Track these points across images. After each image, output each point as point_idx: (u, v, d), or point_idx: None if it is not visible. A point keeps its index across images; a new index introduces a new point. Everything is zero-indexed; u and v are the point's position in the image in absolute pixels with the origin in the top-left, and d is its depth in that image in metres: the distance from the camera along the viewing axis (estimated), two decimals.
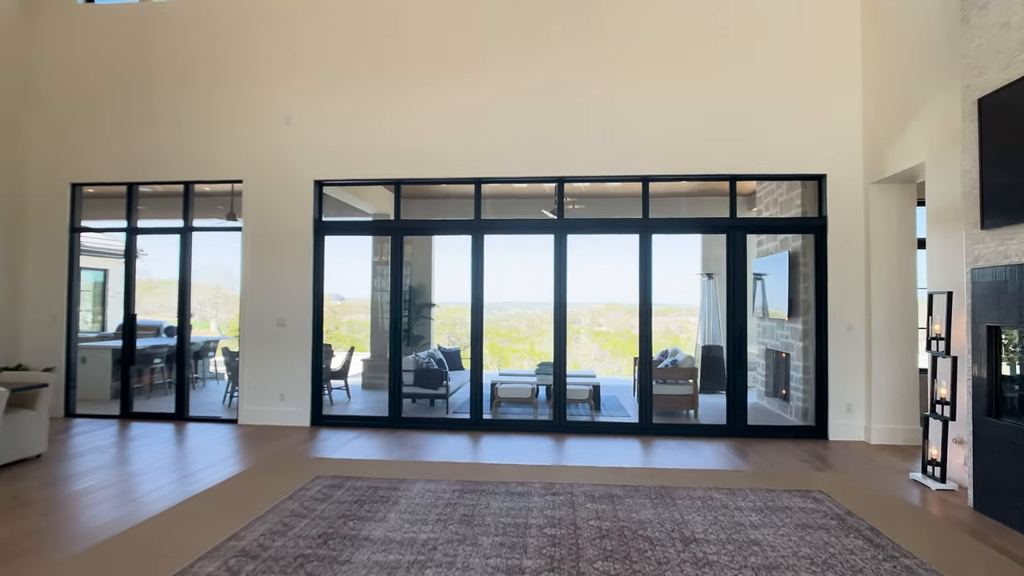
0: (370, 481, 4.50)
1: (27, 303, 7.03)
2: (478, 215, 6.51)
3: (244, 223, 6.76)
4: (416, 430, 6.41)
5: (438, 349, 8.81)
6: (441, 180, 6.59)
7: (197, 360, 9.80)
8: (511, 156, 6.40)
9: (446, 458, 5.28)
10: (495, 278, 7.48)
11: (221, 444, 5.74)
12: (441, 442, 5.88)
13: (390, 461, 5.14)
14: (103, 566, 3.04)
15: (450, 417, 6.88)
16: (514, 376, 8.07)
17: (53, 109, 7.08)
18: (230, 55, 6.85)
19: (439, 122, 6.50)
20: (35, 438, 5.11)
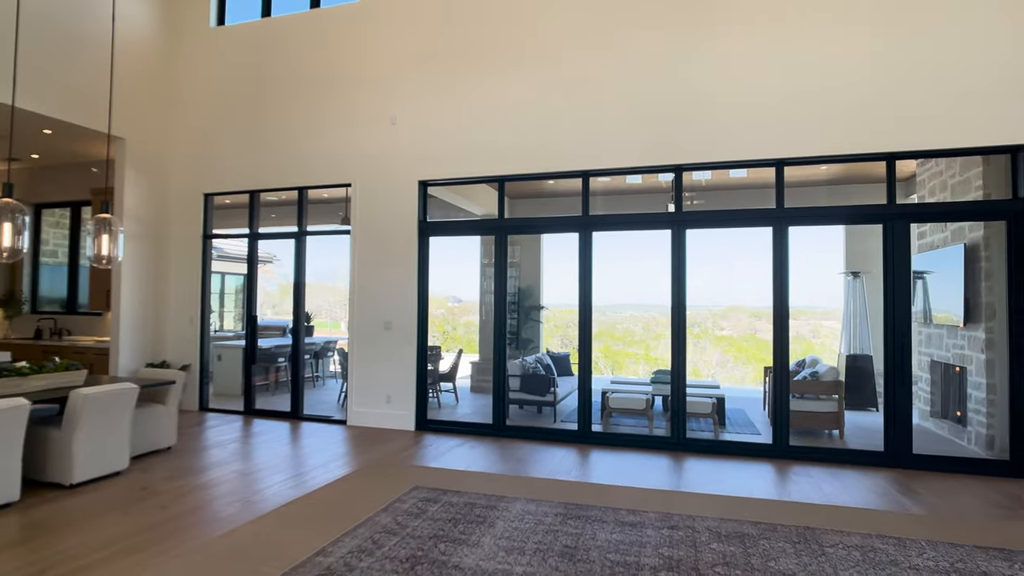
0: (468, 496, 4.20)
1: (169, 305, 7.60)
2: (586, 210, 6.04)
3: (352, 226, 6.82)
4: (521, 439, 6.06)
5: (546, 353, 8.43)
6: (546, 175, 6.20)
7: (317, 360, 10.21)
8: (621, 145, 5.87)
9: (551, 474, 4.86)
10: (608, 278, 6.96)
11: (329, 446, 5.76)
12: (546, 455, 5.47)
13: (491, 475, 4.82)
14: (195, 571, 2.97)
15: (557, 427, 6.46)
16: (627, 384, 7.49)
17: (190, 125, 7.60)
18: (338, 63, 6.95)
19: (543, 114, 6.12)
20: (165, 431, 5.39)
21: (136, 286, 7.17)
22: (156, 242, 7.45)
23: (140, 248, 7.22)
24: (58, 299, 8.72)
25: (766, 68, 5.49)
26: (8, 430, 3.85)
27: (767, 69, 5.49)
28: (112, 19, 5.85)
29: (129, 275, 7.07)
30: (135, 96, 7.09)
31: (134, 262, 7.13)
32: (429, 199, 6.75)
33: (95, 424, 4.40)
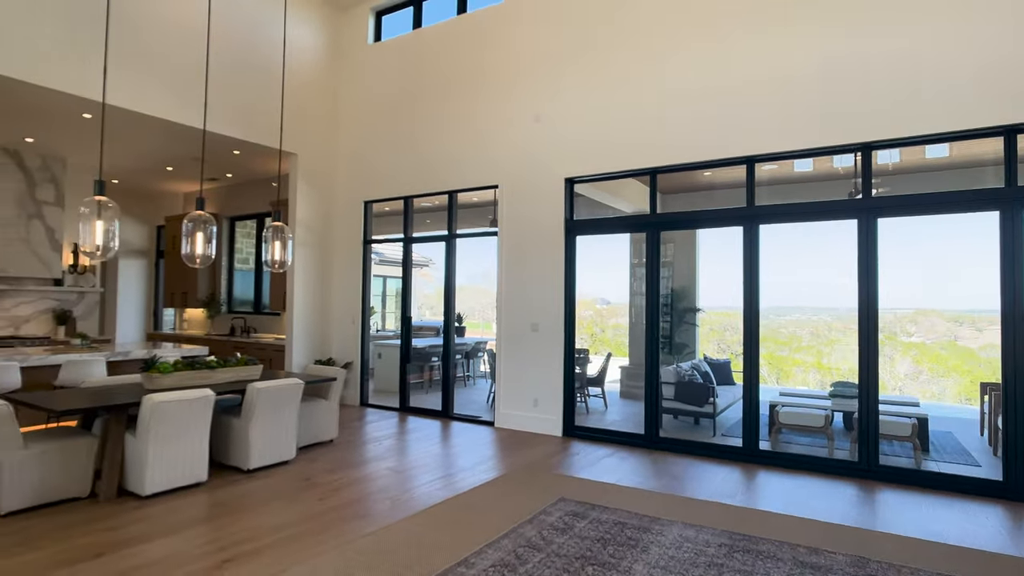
0: (618, 514, 3.86)
1: (334, 306, 8.17)
2: (750, 201, 5.39)
3: (499, 227, 6.79)
4: (676, 453, 5.57)
5: (703, 360, 7.76)
6: (703, 164, 5.65)
7: (468, 360, 10.44)
8: (792, 125, 5.14)
9: (712, 495, 4.34)
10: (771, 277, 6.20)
11: (476, 447, 5.74)
12: (705, 473, 4.94)
13: (643, 491, 4.42)
14: (343, 567, 2.99)
15: (717, 442, 5.85)
16: (800, 397, 6.60)
17: (351, 137, 8.13)
18: (483, 66, 6.97)
19: (698, 98, 5.58)
20: (328, 425, 5.72)
21: (306, 288, 7.80)
22: (323, 248, 8.06)
23: (310, 254, 7.84)
24: (248, 300, 9.83)
25: (978, 26, 4.46)
26: (198, 417, 4.26)
27: (979, 27, 4.45)
28: (283, 46, 6.37)
29: (300, 278, 7.71)
30: (304, 115, 7.72)
31: (304, 266, 7.76)
32: (576, 198, 6.50)
33: (267, 415, 4.75)
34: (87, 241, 4.03)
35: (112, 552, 3.20)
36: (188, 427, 4.20)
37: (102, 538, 3.38)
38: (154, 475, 4.03)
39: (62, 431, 4.13)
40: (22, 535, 3.41)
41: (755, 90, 5.31)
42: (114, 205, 4.17)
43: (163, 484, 4.09)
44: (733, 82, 5.42)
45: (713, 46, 5.53)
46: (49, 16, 5.18)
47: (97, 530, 3.49)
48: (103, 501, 3.96)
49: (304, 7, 7.66)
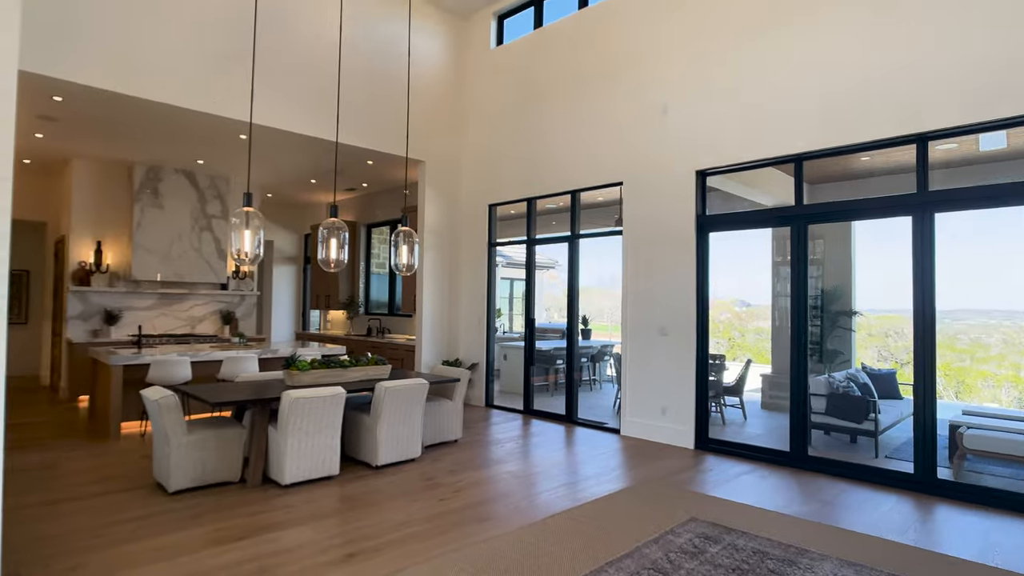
0: (758, 541, 3.44)
1: (461, 308, 8.34)
2: (923, 186, 4.62)
3: (624, 226, 6.50)
4: (827, 475, 4.92)
5: (861, 369, 6.83)
6: (861, 146, 4.94)
7: (594, 363, 10.18)
8: (976, 93, 4.32)
9: (874, 529, 3.74)
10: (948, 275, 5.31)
11: (600, 455, 5.50)
12: (865, 501, 4.28)
13: (789, 517, 3.92)
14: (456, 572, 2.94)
15: (880, 466, 5.08)
16: (992, 418, 5.56)
17: (475, 142, 8.26)
18: (604, 60, 6.72)
19: (849, 70, 4.89)
20: (452, 425, 5.79)
21: (434, 291, 8.03)
22: (450, 251, 8.25)
23: (437, 257, 8.07)
24: (384, 303, 10.39)
25: None
26: (331, 414, 4.48)
27: None
28: (408, 59, 6.60)
29: (429, 281, 7.95)
30: (431, 123, 7.96)
31: (432, 270, 8.00)
32: (708, 192, 6.03)
33: (395, 414, 4.89)
34: (237, 248, 4.39)
35: (252, 536, 3.42)
36: (322, 422, 4.42)
37: (247, 522, 3.64)
38: (292, 466, 4.29)
39: (218, 421, 4.55)
40: (187, 512, 3.78)
41: (924, 56, 4.55)
42: (260, 215, 4.50)
43: (300, 475, 4.34)
44: (895, 48, 4.69)
45: (868, 7, 4.83)
46: (207, 51, 5.78)
47: (243, 514, 3.77)
48: (250, 487, 4.29)
49: (428, 19, 7.92)
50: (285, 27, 6.35)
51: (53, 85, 5.12)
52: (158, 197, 8.14)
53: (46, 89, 5.23)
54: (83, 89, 5.18)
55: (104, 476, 4.52)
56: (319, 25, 6.58)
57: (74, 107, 5.72)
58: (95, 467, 4.76)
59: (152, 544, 3.29)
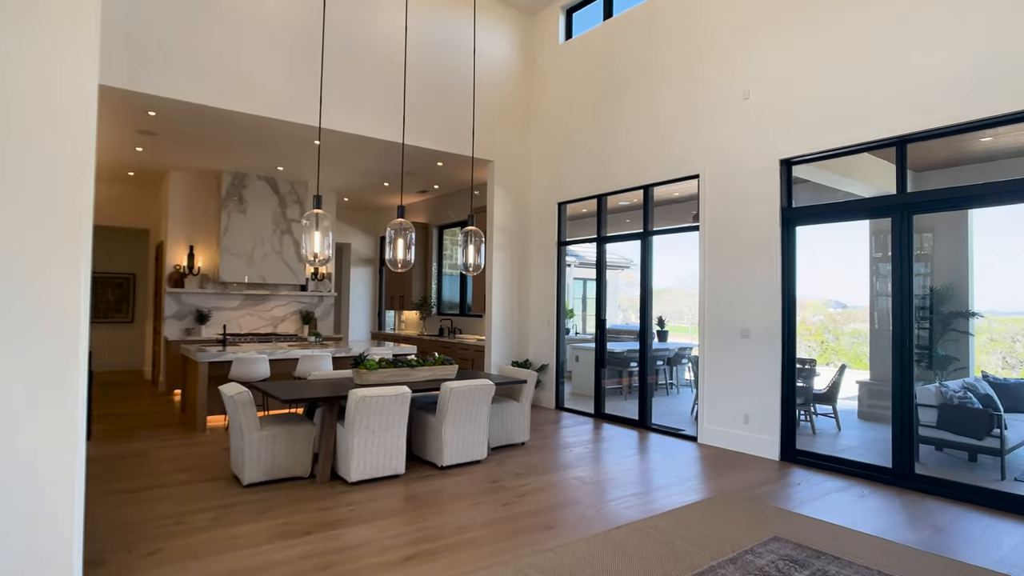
0: (855, 569, 3.07)
1: (530, 308, 8.22)
2: None
3: (701, 221, 6.14)
4: (939, 498, 4.37)
5: (982, 377, 6.07)
6: (976, 124, 4.37)
7: (671, 366, 9.76)
8: None
9: (1000, 565, 3.25)
10: None
11: (674, 464, 5.19)
12: (989, 531, 3.75)
13: (892, 544, 3.49)
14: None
15: (1006, 490, 4.46)
16: None
17: (544, 140, 8.11)
18: (678, 47, 6.38)
19: (963, 32, 4.33)
20: (519, 427, 5.66)
21: (503, 291, 7.94)
22: (519, 251, 8.15)
23: (507, 257, 7.98)
24: (455, 303, 10.44)
25: None
26: (396, 413, 4.47)
27: None
28: (473, 58, 6.55)
29: (498, 281, 7.88)
30: (499, 122, 7.89)
31: (501, 270, 7.92)
32: (794, 183, 5.57)
33: (460, 414, 4.82)
34: (307, 249, 4.48)
35: (317, 532, 3.44)
36: (387, 421, 4.41)
37: (313, 517, 3.67)
38: (358, 464, 4.30)
39: (290, 417, 4.65)
40: (260, 504, 3.89)
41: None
42: (330, 217, 4.56)
43: (366, 473, 4.35)
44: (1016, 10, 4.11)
45: None
46: (283, 61, 5.98)
47: (310, 510, 3.81)
48: (319, 483, 4.35)
49: (495, 17, 7.86)
50: (354, 34, 6.47)
51: (147, 101, 5.47)
52: (243, 203, 8.57)
53: (142, 105, 5.59)
54: (173, 103, 5.51)
55: (188, 466, 4.75)
56: (387, 29, 6.67)
57: (167, 121, 6.09)
58: (181, 457, 5.02)
59: (225, 534, 3.39)
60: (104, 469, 4.61)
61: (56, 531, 2.18)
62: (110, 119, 6.01)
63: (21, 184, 2.16)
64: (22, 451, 2.13)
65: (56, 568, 2.18)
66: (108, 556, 3.09)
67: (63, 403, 2.19)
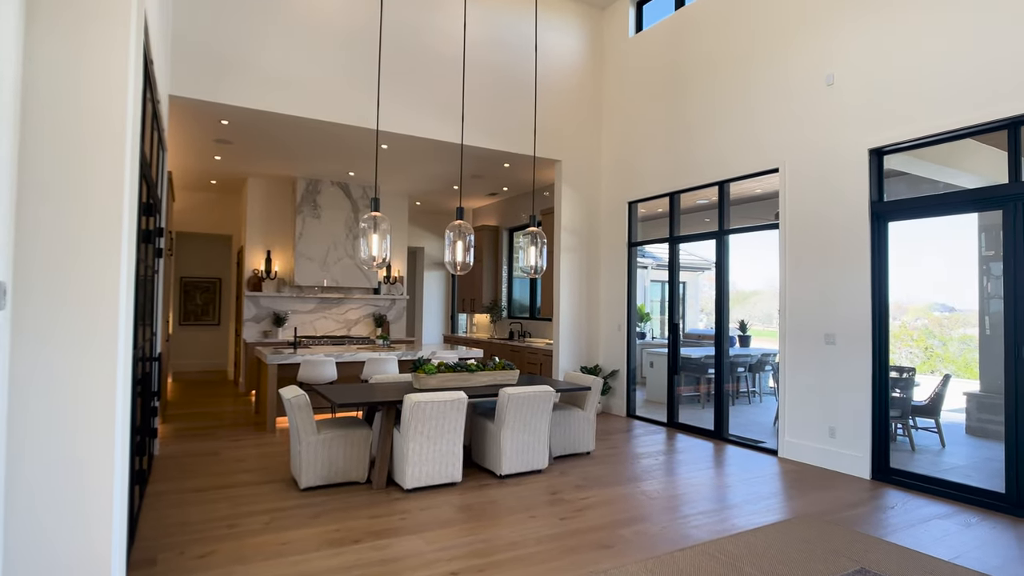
0: None
1: (600, 312, 7.97)
2: None
3: (781, 218, 5.70)
4: None
5: None
6: None
7: (753, 373, 9.20)
8: None
9: None
10: None
11: (750, 480, 4.82)
12: None
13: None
14: None
15: None
16: None
17: (614, 137, 7.85)
18: (756, 32, 5.96)
19: None
20: (584, 436, 5.47)
21: (571, 294, 7.75)
22: (588, 252, 7.92)
23: (575, 259, 7.79)
24: (525, 306, 10.34)
25: None
26: (453, 419, 4.40)
27: None
28: (535, 56, 6.41)
29: (566, 284, 7.70)
30: (568, 120, 7.71)
31: (569, 272, 7.72)
32: (886, 175, 5.05)
33: (519, 422, 4.70)
34: (365, 252, 4.50)
35: (366, 541, 3.42)
36: (443, 428, 4.36)
37: (364, 524, 3.66)
38: (414, 471, 4.27)
39: (348, 421, 4.69)
40: (314, 509, 3.92)
41: None
42: (387, 219, 4.57)
43: (421, 480, 4.31)
44: None
45: None
46: (346, 65, 6.09)
47: (363, 516, 3.80)
48: (375, 489, 4.35)
49: (562, 12, 7.69)
50: (413, 35, 6.50)
51: (218, 110, 5.72)
52: (316, 209, 8.88)
53: (214, 114, 5.86)
54: (241, 111, 5.73)
55: (253, 467, 4.90)
56: (448, 29, 6.66)
57: (240, 129, 6.37)
58: (248, 457, 5.20)
59: (277, 538, 3.43)
60: (175, 467, 4.84)
61: (93, 530, 2.17)
62: (187, 129, 6.34)
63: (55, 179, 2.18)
64: (62, 449, 2.14)
65: (95, 568, 2.18)
66: (160, 556, 3.19)
67: (102, 400, 2.19)
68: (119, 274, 2.27)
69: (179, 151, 7.24)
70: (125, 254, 2.31)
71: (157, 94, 3.95)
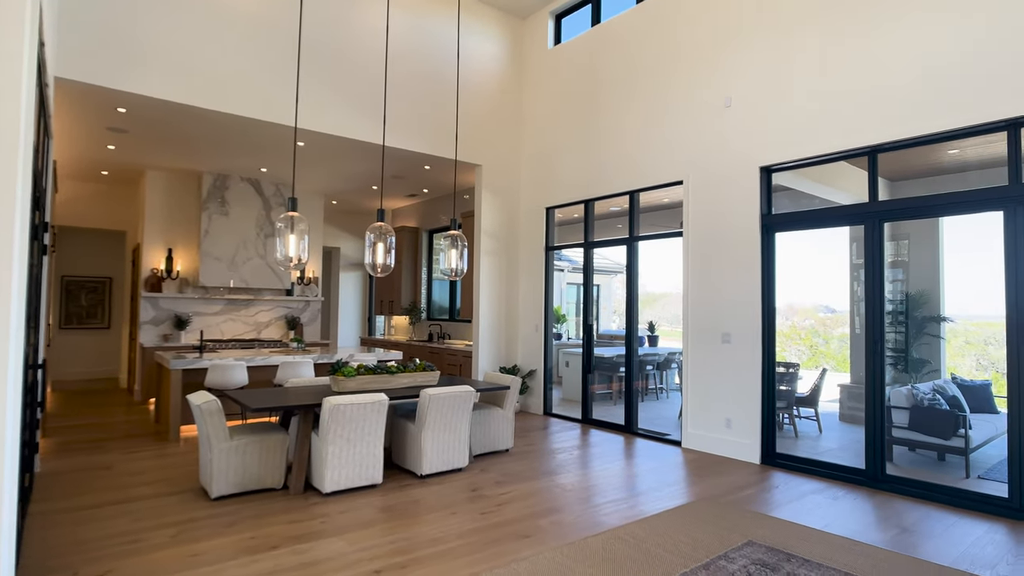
0: (822, 571, 3.08)
1: (519, 314, 8.19)
2: (1016, 178, 4.07)
3: (684, 227, 6.16)
4: (909, 497, 4.41)
5: (951, 380, 6.13)
6: (939, 136, 4.41)
7: (661, 371, 9.77)
8: None
9: (960, 562, 3.28)
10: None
11: (657, 469, 5.19)
12: (951, 528, 3.79)
13: (860, 544, 3.51)
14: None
15: (970, 488, 4.50)
16: None
17: (533, 144, 8.11)
18: (664, 54, 6.42)
19: (936, 53, 4.38)
20: (503, 434, 5.64)
21: (491, 296, 7.92)
22: (507, 256, 8.13)
23: (494, 262, 7.96)
24: (445, 308, 10.41)
25: None
26: (373, 421, 4.44)
27: None
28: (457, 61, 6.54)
29: (486, 286, 7.86)
30: (488, 126, 7.88)
31: (489, 274, 7.90)
32: (780, 191, 5.61)
33: (440, 422, 4.80)
34: (281, 252, 4.44)
35: (285, 546, 3.40)
36: (364, 430, 4.38)
37: (281, 530, 3.63)
38: (333, 474, 4.27)
39: (262, 427, 4.60)
40: (227, 518, 3.82)
41: (1015, 32, 4.00)
42: (306, 220, 4.53)
43: (341, 483, 4.31)
44: (980, 25, 4.15)
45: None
46: (263, 59, 5.94)
47: (280, 523, 3.76)
48: (292, 494, 4.30)
49: (484, 21, 7.86)
50: (334, 33, 6.43)
51: (114, 97, 5.35)
52: (225, 205, 8.50)
53: (110, 101, 5.47)
54: (144, 100, 5.40)
55: (155, 479, 4.65)
56: (371, 30, 6.64)
57: (140, 119, 5.99)
58: (149, 469, 4.93)
59: (185, 551, 3.31)
60: (61, 484, 4.47)
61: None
62: (75, 115, 5.86)
63: None
64: None
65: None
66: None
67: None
68: (11, 274, 2.12)
69: (65, 138, 6.67)
70: (17, 251, 2.14)
71: (47, 76, 3.71)
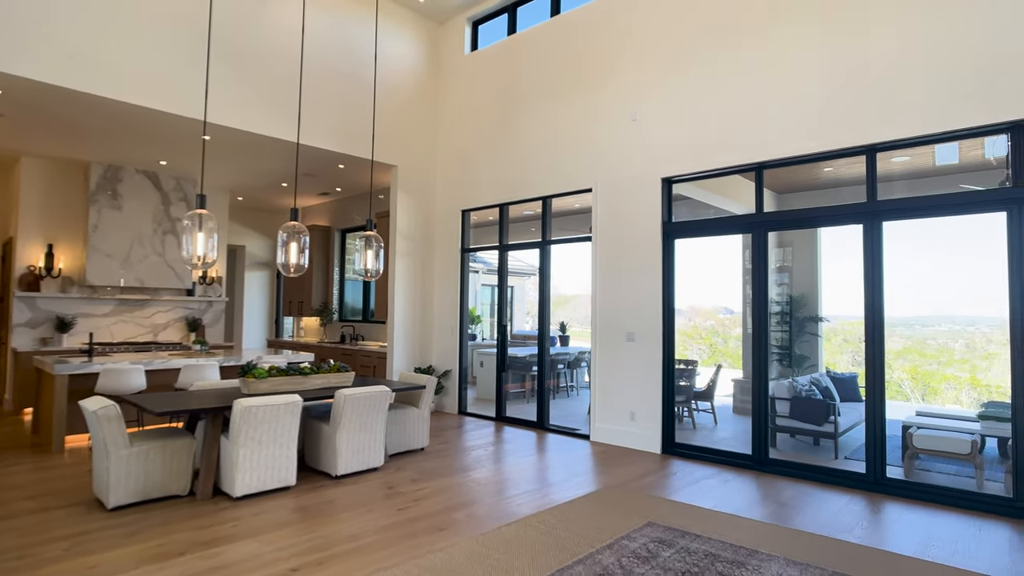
0: (711, 544, 3.43)
1: (434, 315, 8.25)
2: (872, 195, 4.69)
3: (593, 232, 6.49)
4: (788, 477, 4.94)
5: (825, 373, 6.90)
6: (815, 156, 4.99)
7: (571, 369, 10.14)
8: (928, 106, 4.39)
9: (824, 529, 3.76)
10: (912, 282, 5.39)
11: (566, 462, 5.46)
12: (820, 502, 4.31)
13: (743, 520, 3.92)
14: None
15: (837, 467, 5.12)
16: (943, 418, 5.63)
17: (450, 148, 8.21)
18: (577, 68, 6.75)
19: (810, 83, 4.96)
20: (418, 433, 5.70)
21: (406, 297, 7.94)
22: (423, 257, 8.18)
23: (410, 263, 7.99)
24: (358, 309, 10.26)
25: None
26: (286, 423, 4.38)
27: None
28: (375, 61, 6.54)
29: (401, 288, 7.86)
30: (405, 127, 7.90)
31: (404, 276, 7.91)
32: (683, 201, 6.06)
33: (355, 422, 4.80)
34: (189, 251, 4.29)
35: (194, 552, 3.31)
36: (277, 432, 4.32)
37: (189, 536, 3.52)
38: (244, 477, 4.18)
39: (166, 432, 4.40)
40: (127, 528, 3.64)
41: (884, 63, 4.61)
42: (214, 218, 4.40)
43: (253, 486, 4.22)
44: (847, 58, 4.75)
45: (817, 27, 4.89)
46: (169, 48, 5.66)
47: (188, 528, 3.65)
48: (200, 500, 4.16)
49: (403, 23, 7.88)
50: (249, 26, 6.25)
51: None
52: (117, 198, 7.94)
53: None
54: (25, 82, 5.00)
55: (40, 492, 4.32)
56: (288, 28, 6.50)
57: (19, 102, 5.52)
58: (32, 482, 4.56)
59: (83, 563, 3.14)
60: None
61: None
62: None
63: None
64: None
65: None
66: None
67: None
68: None
69: None
70: None
71: None
